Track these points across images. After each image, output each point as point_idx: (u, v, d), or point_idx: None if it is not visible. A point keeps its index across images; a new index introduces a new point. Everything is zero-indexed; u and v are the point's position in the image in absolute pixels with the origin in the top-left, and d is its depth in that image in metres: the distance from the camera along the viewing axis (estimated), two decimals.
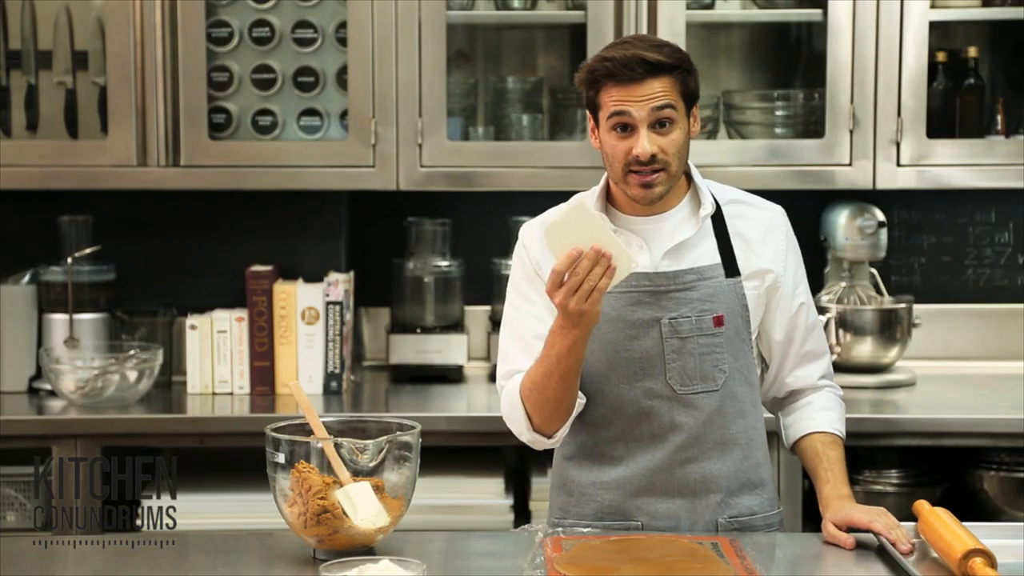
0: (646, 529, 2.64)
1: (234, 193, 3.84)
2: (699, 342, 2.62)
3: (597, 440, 2.68)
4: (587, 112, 2.66)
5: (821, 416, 2.74)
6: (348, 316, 3.82)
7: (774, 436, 2.84)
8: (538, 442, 2.67)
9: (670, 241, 2.66)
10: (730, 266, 2.67)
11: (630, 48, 2.57)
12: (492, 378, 3.85)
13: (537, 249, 2.69)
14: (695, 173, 2.70)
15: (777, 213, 2.75)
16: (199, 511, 3.39)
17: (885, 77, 3.68)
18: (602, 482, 2.67)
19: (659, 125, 2.56)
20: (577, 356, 2.53)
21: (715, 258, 2.66)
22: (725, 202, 2.71)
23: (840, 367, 3.71)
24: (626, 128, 2.57)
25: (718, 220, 2.68)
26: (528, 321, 2.68)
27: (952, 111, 3.82)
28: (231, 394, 3.77)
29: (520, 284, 2.72)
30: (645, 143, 2.55)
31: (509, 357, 2.70)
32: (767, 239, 2.71)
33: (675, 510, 2.65)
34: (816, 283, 3.23)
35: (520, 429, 2.66)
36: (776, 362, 2.77)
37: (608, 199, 2.71)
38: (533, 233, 2.72)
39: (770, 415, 2.82)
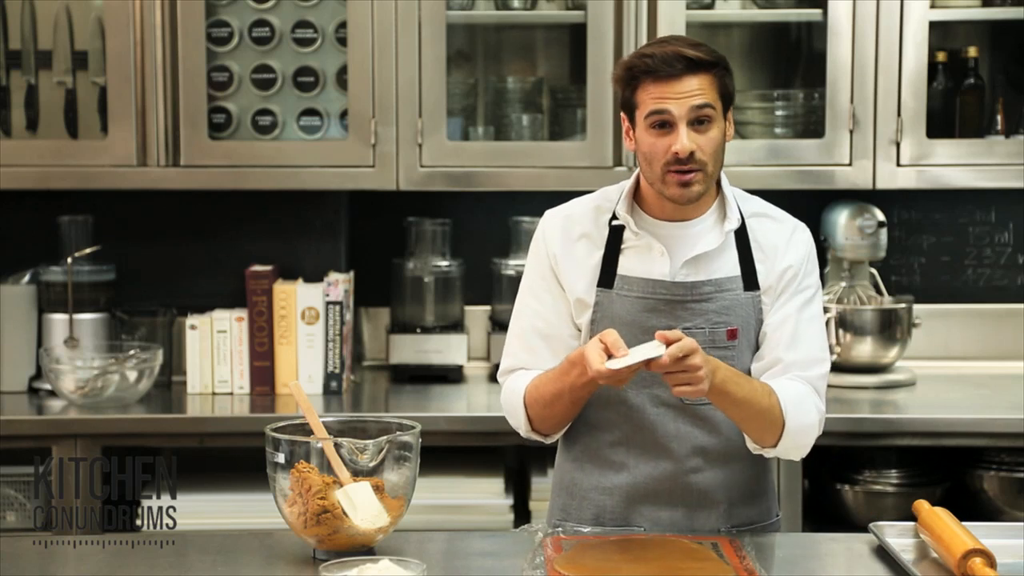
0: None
1: (234, 193, 3.84)
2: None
3: (600, 444, 2.67)
4: (622, 113, 2.62)
5: (783, 383, 2.58)
6: (348, 316, 3.82)
7: None
8: (534, 439, 2.69)
9: (692, 250, 2.62)
10: (749, 280, 2.63)
11: (669, 45, 2.55)
12: (492, 378, 3.87)
13: (557, 241, 2.66)
14: (724, 182, 2.66)
15: (801, 229, 2.70)
16: (199, 511, 3.40)
17: (885, 77, 3.68)
18: (604, 487, 2.66)
19: (697, 123, 2.53)
20: (590, 391, 2.55)
21: (735, 270, 2.63)
22: (749, 215, 2.66)
23: (840, 367, 3.72)
24: (664, 125, 2.54)
25: (741, 232, 2.64)
26: (534, 320, 2.67)
27: (952, 111, 3.82)
28: (231, 394, 3.77)
29: (533, 280, 2.69)
30: (684, 139, 2.52)
31: (512, 353, 2.70)
32: (789, 245, 2.64)
33: (677, 518, 2.64)
34: None
35: (518, 425, 2.68)
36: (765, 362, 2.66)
37: (635, 199, 2.67)
38: (556, 224, 2.69)
39: None
